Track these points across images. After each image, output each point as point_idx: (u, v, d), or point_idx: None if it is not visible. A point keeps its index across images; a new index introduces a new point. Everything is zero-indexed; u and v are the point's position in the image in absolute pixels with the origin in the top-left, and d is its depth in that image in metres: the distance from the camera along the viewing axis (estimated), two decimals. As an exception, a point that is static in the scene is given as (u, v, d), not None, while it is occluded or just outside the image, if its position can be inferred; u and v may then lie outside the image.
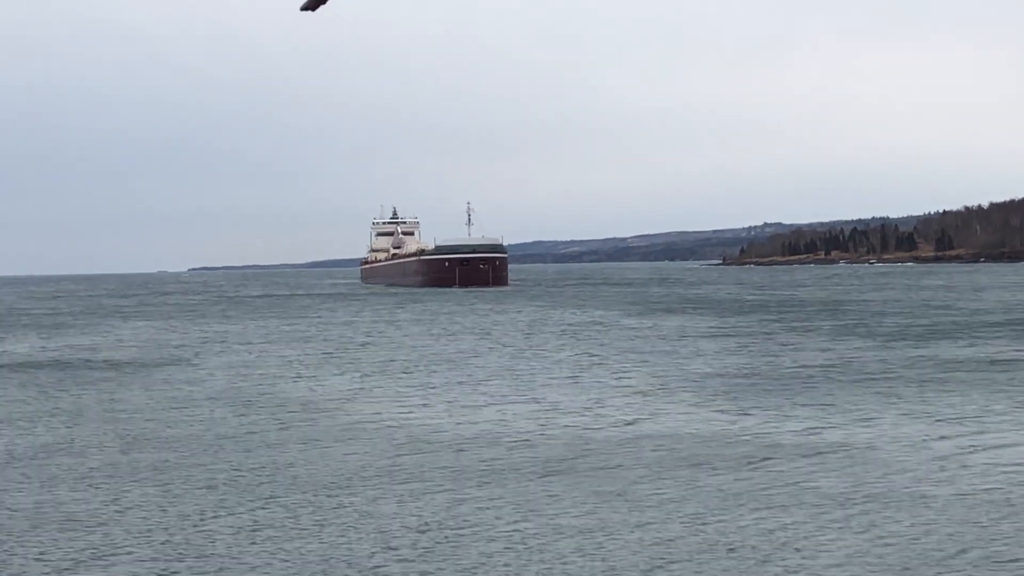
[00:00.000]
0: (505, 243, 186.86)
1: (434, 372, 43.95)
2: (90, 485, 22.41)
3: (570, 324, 75.46)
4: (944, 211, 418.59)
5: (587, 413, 31.19)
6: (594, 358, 48.78)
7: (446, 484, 21.79)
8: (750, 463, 23.29)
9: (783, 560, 16.22)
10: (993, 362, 43.39)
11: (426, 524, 18.66)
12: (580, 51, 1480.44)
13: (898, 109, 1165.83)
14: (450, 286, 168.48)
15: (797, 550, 16.71)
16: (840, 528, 17.86)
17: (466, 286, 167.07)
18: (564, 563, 16.29)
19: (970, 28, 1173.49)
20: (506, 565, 16.27)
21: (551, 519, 18.82)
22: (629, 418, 30.03)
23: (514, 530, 18.17)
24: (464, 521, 18.82)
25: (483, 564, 16.37)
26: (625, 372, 42.44)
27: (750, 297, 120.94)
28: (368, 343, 61.16)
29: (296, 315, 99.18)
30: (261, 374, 44.78)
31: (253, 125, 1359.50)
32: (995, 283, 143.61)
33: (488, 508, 19.76)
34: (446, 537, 17.80)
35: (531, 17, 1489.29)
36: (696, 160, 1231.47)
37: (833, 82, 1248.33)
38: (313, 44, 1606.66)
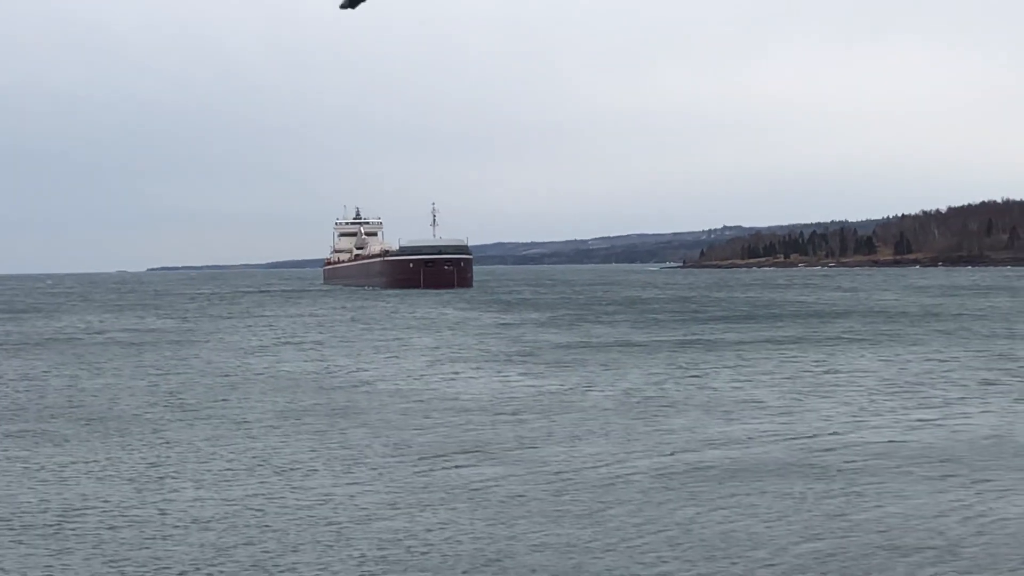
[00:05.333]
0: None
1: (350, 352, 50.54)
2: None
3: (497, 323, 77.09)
4: (903, 215, 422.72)
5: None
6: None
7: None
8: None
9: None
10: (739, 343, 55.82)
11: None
12: (546, 53, 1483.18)
13: (858, 114, 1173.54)
14: (415, 287, 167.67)
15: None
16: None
17: (431, 287, 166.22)
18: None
19: (932, 35, 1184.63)
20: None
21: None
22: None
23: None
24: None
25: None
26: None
27: (647, 295, 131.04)
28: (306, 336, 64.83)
29: (252, 312, 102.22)
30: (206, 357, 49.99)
31: (215, 125, 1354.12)
32: (894, 285, 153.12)
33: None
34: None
35: (498, 19, 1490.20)
36: (657, 163, 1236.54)
37: (794, 87, 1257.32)
38: (279, 45, 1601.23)
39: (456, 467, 22.97)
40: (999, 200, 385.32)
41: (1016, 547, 16.26)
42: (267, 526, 18.19)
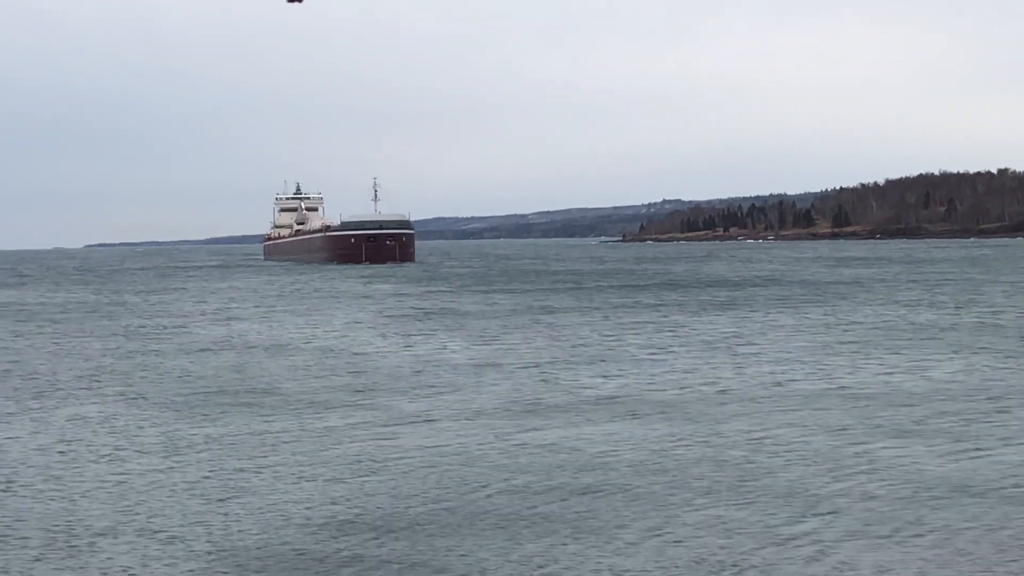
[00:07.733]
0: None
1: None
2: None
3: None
4: (841, 188, 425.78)
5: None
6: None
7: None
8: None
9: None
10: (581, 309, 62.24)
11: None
12: (486, 28, 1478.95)
13: (796, 88, 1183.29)
14: (357, 262, 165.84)
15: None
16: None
17: (373, 262, 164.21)
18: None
19: (868, 8, 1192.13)
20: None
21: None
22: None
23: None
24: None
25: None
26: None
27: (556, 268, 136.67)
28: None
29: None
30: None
31: (154, 102, 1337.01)
32: (800, 256, 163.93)
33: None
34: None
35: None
36: (597, 137, 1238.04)
37: (734, 61, 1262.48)
38: (216, 23, 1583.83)
39: (372, 437, 23.21)
40: (936, 172, 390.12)
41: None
42: (167, 490, 18.38)
